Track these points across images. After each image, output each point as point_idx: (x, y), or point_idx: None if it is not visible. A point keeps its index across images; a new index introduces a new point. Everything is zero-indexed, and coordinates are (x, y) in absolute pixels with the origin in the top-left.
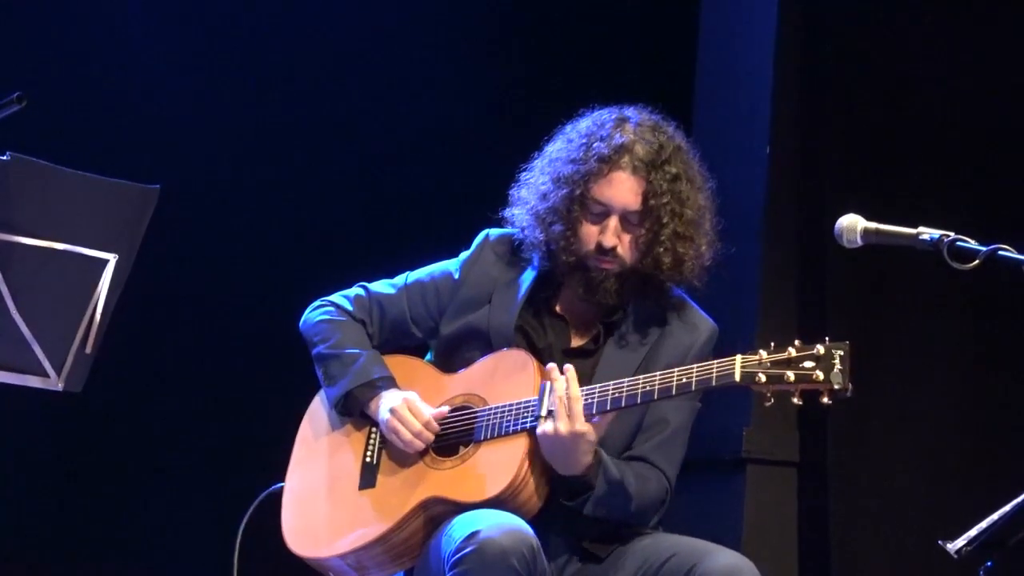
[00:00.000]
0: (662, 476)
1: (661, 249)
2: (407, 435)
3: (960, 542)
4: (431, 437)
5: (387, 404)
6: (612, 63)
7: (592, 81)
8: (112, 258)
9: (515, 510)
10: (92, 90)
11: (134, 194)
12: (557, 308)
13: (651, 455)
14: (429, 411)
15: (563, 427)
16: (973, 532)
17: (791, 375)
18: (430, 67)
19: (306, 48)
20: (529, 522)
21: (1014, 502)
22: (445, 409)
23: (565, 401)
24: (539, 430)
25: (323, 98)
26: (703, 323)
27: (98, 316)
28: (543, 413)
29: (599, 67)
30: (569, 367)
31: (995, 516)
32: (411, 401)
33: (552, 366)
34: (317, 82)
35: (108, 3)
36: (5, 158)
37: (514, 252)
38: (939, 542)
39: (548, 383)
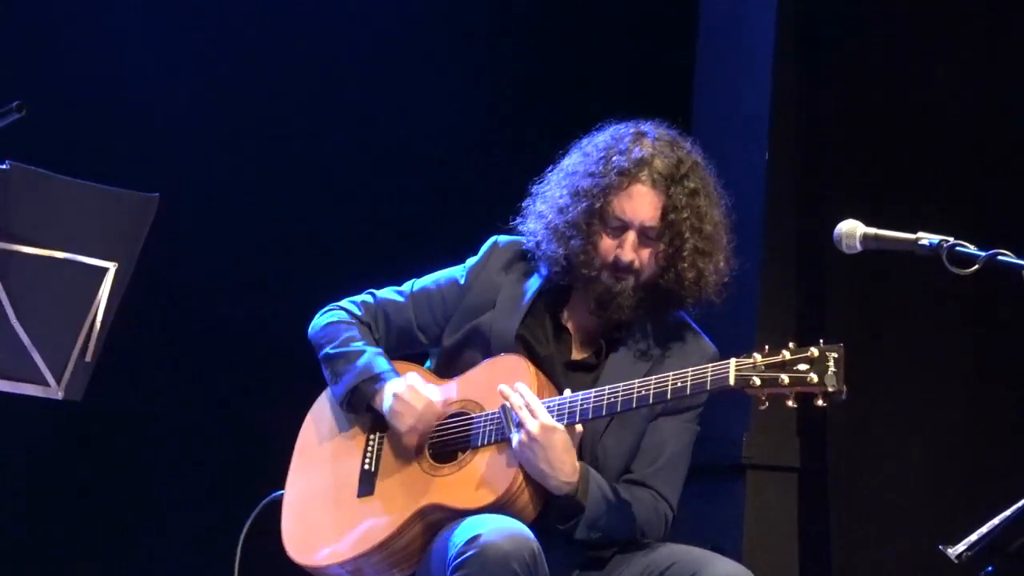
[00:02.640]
0: (663, 503)
1: (684, 264)
2: (410, 420)
3: (961, 547)
4: (432, 420)
5: (390, 390)
6: (611, 70)
7: (591, 85)
8: (112, 266)
9: (514, 516)
10: (92, 99)
11: (134, 202)
12: (562, 320)
13: (651, 480)
14: (431, 391)
15: (534, 428)
16: (974, 537)
17: (785, 378)
18: (431, 70)
19: (307, 54)
20: (530, 527)
21: (1015, 507)
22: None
23: (525, 408)
24: (515, 444)
25: (325, 105)
26: (705, 346)
27: (98, 324)
28: (512, 429)
29: (598, 72)
30: (519, 382)
31: (996, 521)
32: (414, 387)
33: (502, 387)
34: (319, 89)
35: (107, 11)
36: (5, 167)
37: (522, 260)
38: (940, 547)
39: (505, 404)
